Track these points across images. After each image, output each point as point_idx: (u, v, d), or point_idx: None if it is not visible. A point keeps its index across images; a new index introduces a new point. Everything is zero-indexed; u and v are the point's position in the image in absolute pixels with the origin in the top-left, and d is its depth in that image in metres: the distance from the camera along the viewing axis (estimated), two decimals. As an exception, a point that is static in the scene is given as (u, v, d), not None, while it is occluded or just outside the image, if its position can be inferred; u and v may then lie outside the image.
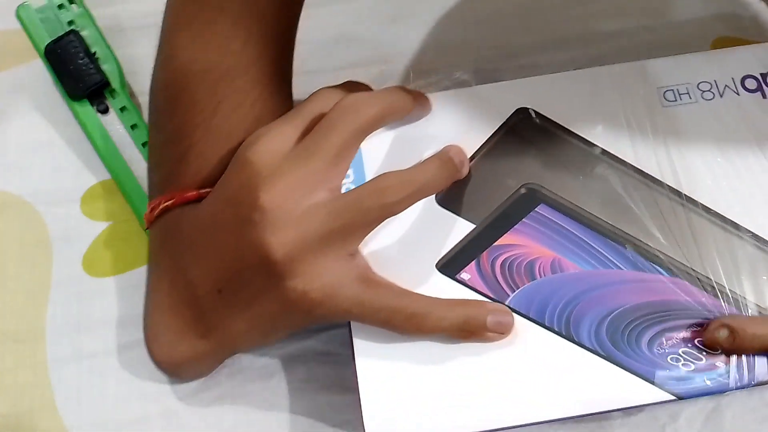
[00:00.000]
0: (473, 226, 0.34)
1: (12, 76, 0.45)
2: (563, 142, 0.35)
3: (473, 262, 0.34)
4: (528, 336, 0.33)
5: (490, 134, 0.36)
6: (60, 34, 0.42)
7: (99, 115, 0.43)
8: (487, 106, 0.36)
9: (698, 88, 0.36)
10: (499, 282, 0.34)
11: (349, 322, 0.33)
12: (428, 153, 0.35)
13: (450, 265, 0.34)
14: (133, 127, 0.42)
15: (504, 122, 0.36)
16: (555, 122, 0.36)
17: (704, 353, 0.32)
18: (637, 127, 0.36)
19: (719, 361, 0.32)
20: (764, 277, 0.33)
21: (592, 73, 0.37)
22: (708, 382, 0.32)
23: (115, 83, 0.43)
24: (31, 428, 0.37)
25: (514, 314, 0.33)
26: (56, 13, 0.43)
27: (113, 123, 0.43)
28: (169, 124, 0.36)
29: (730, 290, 0.33)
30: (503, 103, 0.36)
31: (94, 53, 0.43)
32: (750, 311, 0.33)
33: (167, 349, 0.36)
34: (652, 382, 0.32)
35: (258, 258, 0.32)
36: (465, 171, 0.35)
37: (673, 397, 0.32)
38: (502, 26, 0.46)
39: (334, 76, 0.37)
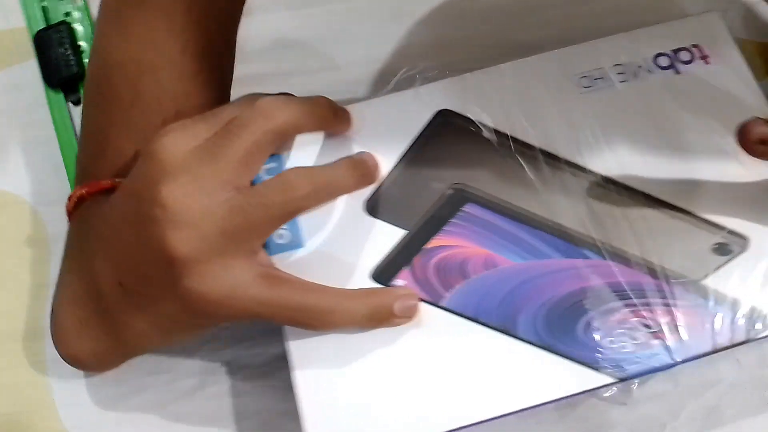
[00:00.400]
0: (404, 231, 0.34)
1: (10, 75, 0.45)
2: (485, 140, 0.36)
3: (406, 268, 0.34)
4: (468, 335, 0.33)
5: (413, 139, 0.36)
6: (53, 23, 0.44)
7: (71, 105, 0.44)
8: (408, 111, 0.36)
9: (612, 70, 0.37)
10: (433, 285, 0.34)
11: (284, 328, 0.33)
12: None
13: (384, 273, 0.34)
14: None
15: (425, 126, 0.36)
16: (475, 120, 0.36)
17: (641, 333, 0.33)
18: (557, 116, 0.36)
19: (657, 339, 0.32)
20: (694, 251, 0.34)
21: (510, 67, 0.37)
22: (647, 361, 0.32)
23: None
24: (30, 427, 0.38)
25: (454, 315, 0.33)
26: (57, 4, 0.45)
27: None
28: (92, 117, 0.36)
29: (663, 267, 0.33)
30: (425, 107, 0.36)
31: (80, 47, 0.44)
32: (687, 287, 0.33)
33: (71, 341, 0.35)
34: (594, 367, 0.32)
35: (157, 256, 0.31)
36: (376, 176, 0.35)
37: (616, 380, 0.32)
38: (501, 25, 0.45)
39: (332, 75, 0.37)
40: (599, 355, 0.32)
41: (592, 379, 0.32)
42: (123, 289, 0.33)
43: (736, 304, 0.33)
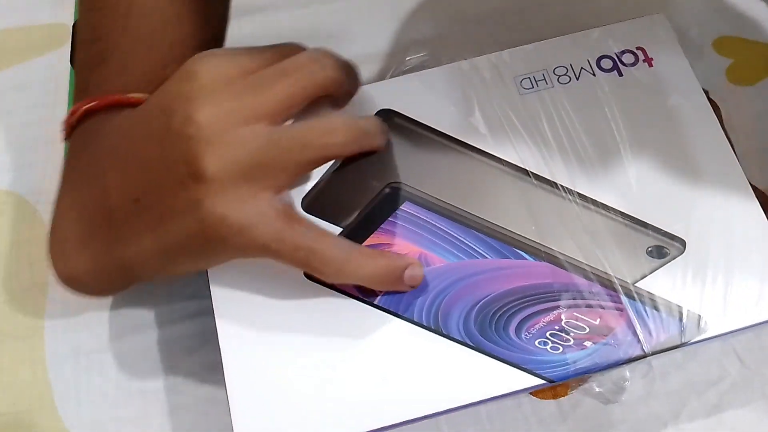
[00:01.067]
0: (340, 229, 0.34)
1: (13, 75, 0.45)
2: (425, 140, 0.36)
3: (341, 266, 0.34)
4: (398, 333, 0.33)
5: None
6: None
7: None
8: (351, 110, 0.36)
9: (554, 73, 0.37)
10: (366, 282, 0.33)
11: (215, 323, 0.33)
12: None
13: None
14: None
15: None
16: (416, 120, 0.36)
17: (572, 334, 0.32)
18: (497, 117, 0.36)
19: (587, 341, 0.32)
20: (629, 253, 0.33)
21: (452, 68, 0.37)
22: (578, 363, 0.32)
23: None
24: (30, 426, 0.38)
25: (384, 313, 0.33)
26: None
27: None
28: (88, 25, 0.36)
29: (596, 269, 0.33)
30: (367, 106, 0.36)
31: None
32: (618, 289, 0.33)
33: (70, 258, 0.34)
34: (523, 369, 0.32)
35: (184, 172, 0.30)
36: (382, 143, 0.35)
37: (545, 382, 0.32)
38: (502, 23, 0.46)
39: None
40: (529, 356, 0.32)
41: (521, 380, 0.32)
42: (138, 205, 0.32)
43: (671, 307, 0.32)
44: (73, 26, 0.42)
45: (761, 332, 0.38)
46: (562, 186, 0.34)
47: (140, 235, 0.32)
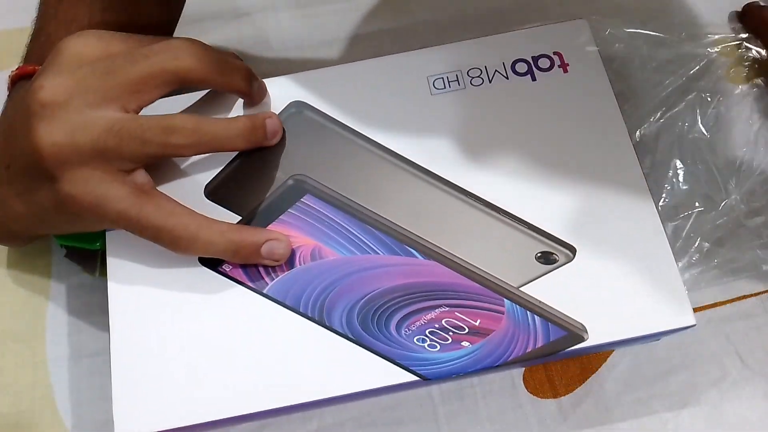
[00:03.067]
0: (239, 218, 0.35)
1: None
2: (334, 134, 0.36)
3: (236, 253, 0.35)
4: (284, 323, 0.33)
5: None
6: None
7: None
8: (266, 99, 0.37)
9: (467, 74, 0.37)
10: (259, 271, 0.34)
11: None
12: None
13: (212, 257, 0.35)
14: None
15: (278, 114, 0.37)
16: (326, 114, 0.36)
17: (450, 334, 0.33)
18: (406, 116, 0.36)
19: (465, 342, 0.33)
20: (518, 257, 0.34)
21: (368, 64, 0.38)
22: (454, 363, 0.32)
23: None
24: (31, 427, 0.38)
25: (273, 302, 0.34)
26: None
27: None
28: (38, 13, 0.38)
29: (482, 271, 0.33)
30: (281, 97, 0.37)
31: None
32: (502, 292, 0.33)
33: None
34: (399, 364, 0.32)
35: (30, 150, 0.31)
36: (275, 141, 0.35)
37: (419, 379, 0.32)
38: (503, 22, 0.46)
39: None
40: (407, 352, 0.32)
41: (396, 375, 0.32)
42: (9, 171, 0.34)
43: (553, 313, 0.33)
44: None
45: (763, 331, 0.38)
46: (459, 188, 0.35)
47: (12, 199, 0.34)
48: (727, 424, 0.37)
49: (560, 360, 0.38)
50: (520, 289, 0.33)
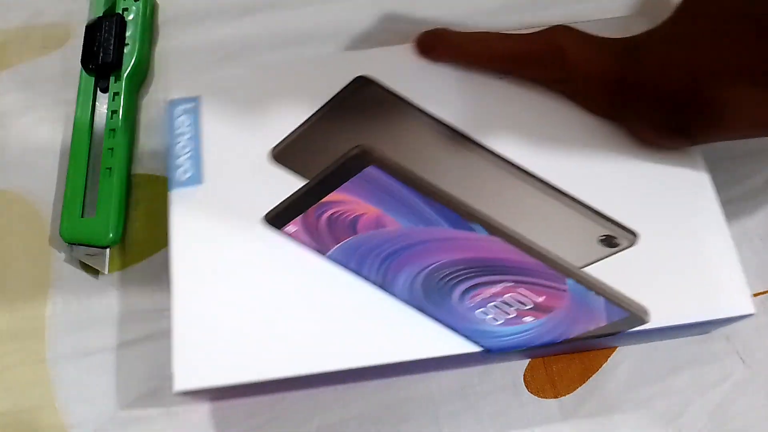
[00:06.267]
0: (304, 181, 0.35)
1: (14, 75, 0.46)
2: (398, 109, 0.37)
3: (300, 216, 0.35)
4: (345, 287, 0.33)
5: (330, 98, 0.37)
6: (109, 13, 0.45)
7: (99, 91, 0.43)
8: (332, 73, 0.37)
9: None
10: (323, 236, 0.34)
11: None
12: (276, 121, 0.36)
13: (278, 218, 0.35)
14: (113, 113, 0.43)
15: (344, 87, 0.37)
16: (391, 90, 0.37)
17: (513, 308, 0.33)
18: (470, 95, 0.37)
19: (528, 317, 0.33)
20: (581, 239, 0.34)
21: None
22: (515, 337, 0.32)
23: (124, 70, 0.44)
24: (31, 426, 0.37)
25: (335, 266, 0.34)
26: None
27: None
28: None
29: (545, 250, 0.34)
30: (347, 72, 0.37)
31: (125, 39, 0.44)
32: (564, 271, 0.33)
33: None
34: (462, 334, 0.32)
35: None
36: None
37: (481, 349, 0.32)
38: (508, 19, 0.46)
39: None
40: (468, 324, 0.33)
41: (457, 345, 0.32)
42: None
43: (614, 294, 0.33)
44: (86, 27, 0.44)
45: (764, 332, 0.39)
46: (523, 169, 0.35)
47: None
48: (728, 426, 0.37)
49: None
50: (584, 269, 0.33)
